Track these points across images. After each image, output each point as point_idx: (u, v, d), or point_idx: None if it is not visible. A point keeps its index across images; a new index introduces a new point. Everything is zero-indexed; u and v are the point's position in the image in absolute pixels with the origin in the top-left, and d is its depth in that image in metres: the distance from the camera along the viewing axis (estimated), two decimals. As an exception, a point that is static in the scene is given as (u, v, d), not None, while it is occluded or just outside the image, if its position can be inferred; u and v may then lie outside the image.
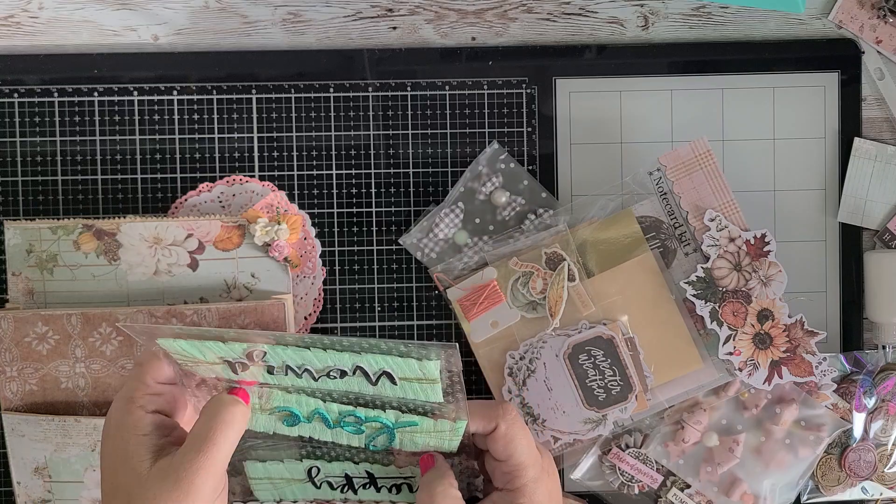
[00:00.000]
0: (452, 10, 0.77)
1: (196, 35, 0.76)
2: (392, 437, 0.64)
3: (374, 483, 0.66)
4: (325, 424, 0.64)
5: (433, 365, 0.60)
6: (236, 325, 0.72)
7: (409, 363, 0.60)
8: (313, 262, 0.76)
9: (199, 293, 0.73)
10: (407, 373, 0.61)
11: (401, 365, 0.60)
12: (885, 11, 0.76)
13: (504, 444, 0.63)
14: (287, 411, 0.64)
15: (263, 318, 0.72)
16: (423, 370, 0.60)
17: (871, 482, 0.77)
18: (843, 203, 0.77)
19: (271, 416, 0.64)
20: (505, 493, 0.63)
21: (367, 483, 0.66)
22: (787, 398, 0.75)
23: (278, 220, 0.73)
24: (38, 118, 0.75)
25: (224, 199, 0.75)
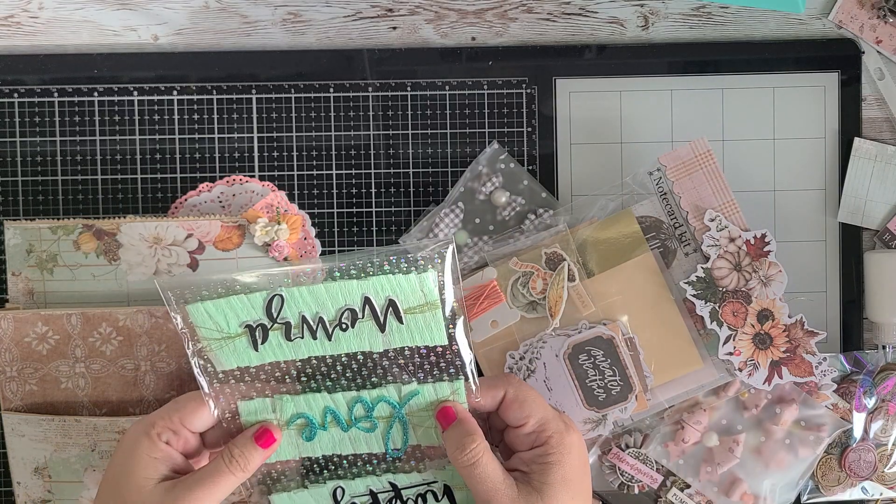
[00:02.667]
0: (452, 10, 0.77)
1: (196, 35, 0.76)
2: (405, 427, 0.65)
3: (399, 496, 0.67)
4: (340, 427, 0.65)
5: (430, 278, 0.63)
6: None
7: (409, 280, 0.63)
8: (314, 260, 0.76)
9: None
10: (410, 298, 0.64)
11: (402, 286, 0.63)
12: (885, 11, 0.76)
13: (518, 406, 0.64)
14: (303, 419, 0.65)
15: None
16: (422, 287, 0.63)
17: (871, 482, 0.77)
18: (843, 203, 0.77)
19: (291, 435, 0.65)
20: (534, 451, 0.64)
21: (392, 497, 0.67)
22: (787, 398, 0.75)
23: (278, 220, 0.73)
24: (38, 118, 0.75)
25: (224, 199, 0.75)
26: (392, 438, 0.66)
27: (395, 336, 0.65)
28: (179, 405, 0.64)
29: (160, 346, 0.72)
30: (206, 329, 0.64)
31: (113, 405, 0.73)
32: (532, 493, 0.62)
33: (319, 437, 0.66)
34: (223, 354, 0.64)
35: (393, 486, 0.67)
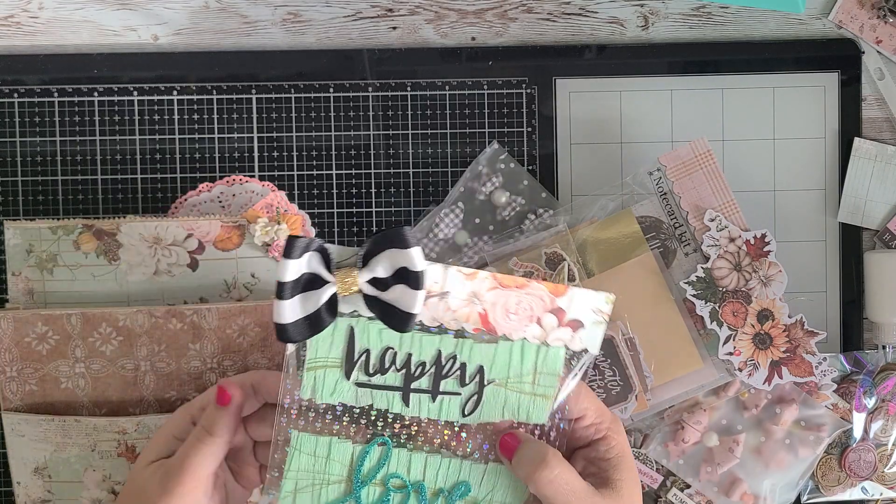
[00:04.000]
0: (452, 10, 0.77)
1: (196, 35, 0.76)
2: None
3: None
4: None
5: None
6: (236, 324, 0.72)
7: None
8: None
9: (199, 293, 0.73)
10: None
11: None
12: (885, 11, 0.76)
13: (575, 398, 0.62)
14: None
15: (263, 318, 0.72)
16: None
17: (871, 482, 0.77)
18: (843, 203, 0.77)
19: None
20: (591, 446, 0.62)
21: None
22: (787, 398, 0.75)
23: (278, 220, 0.73)
24: (38, 118, 0.75)
25: (224, 199, 0.75)
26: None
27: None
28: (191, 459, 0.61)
29: (160, 346, 0.72)
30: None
31: (113, 405, 0.73)
32: (610, 492, 0.60)
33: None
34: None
35: None
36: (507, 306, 0.61)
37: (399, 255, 0.57)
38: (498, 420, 0.62)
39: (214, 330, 0.72)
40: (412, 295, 0.57)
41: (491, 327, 0.61)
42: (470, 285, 0.60)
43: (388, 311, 0.58)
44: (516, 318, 0.61)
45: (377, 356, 0.61)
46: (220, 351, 0.72)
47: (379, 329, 0.60)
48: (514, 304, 0.61)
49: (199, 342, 0.72)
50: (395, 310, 0.58)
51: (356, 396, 0.61)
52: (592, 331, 0.61)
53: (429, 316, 0.60)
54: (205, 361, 0.72)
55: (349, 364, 0.61)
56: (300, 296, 0.58)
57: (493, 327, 0.61)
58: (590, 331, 0.61)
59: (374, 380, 0.61)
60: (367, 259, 0.58)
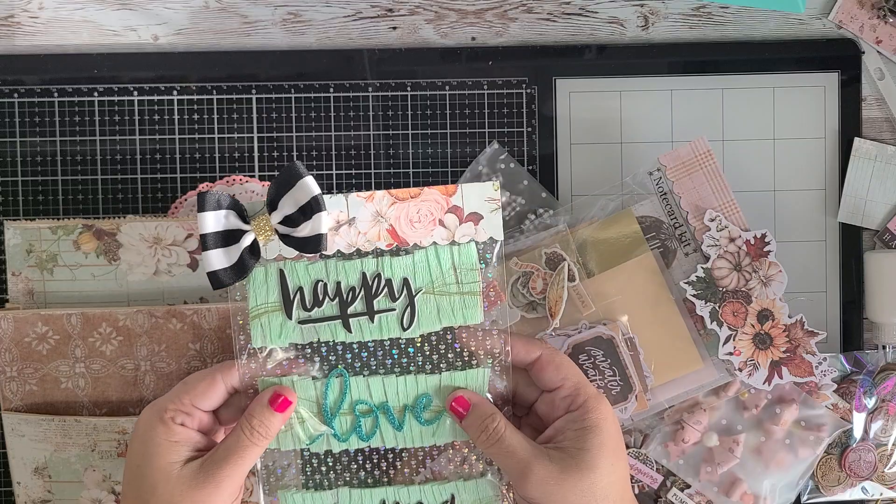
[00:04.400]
0: (452, 10, 0.77)
1: (196, 35, 0.76)
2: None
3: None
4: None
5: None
6: (236, 324, 0.72)
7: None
8: None
9: (199, 293, 0.73)
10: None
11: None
12: (885, 11, 0.76)
13: (554, 368, 0.64)
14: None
15: None
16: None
17: (872, 482, 0.77)
18: (843, 203, 0.77)
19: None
20: (569, 417, 0.63)
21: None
22: (787, 398, 0.75)
23: None
24: (38, 118, 0.75)
25: None
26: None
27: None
28: (188, 386, 0.64)
29: (160, 346, 0.72)
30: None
31: (113, 405, 0.73)
32: (566, 458, 0.61)
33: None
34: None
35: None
36: (409, 217, 0.66)
37: (298, 190, 0.62)
38: (439, 329, 0.66)
39: (215, 330, 0.72)
40: (317, 218, 0.62)
41: (401, 240, 0.66)
42: (372, 206, 0.65)
43: (303, 242, 0.63)
44: (421, 226, 0.66)
45: (310, 291, 0.65)
46: (220, 351, 0.72)
47: (305, 265, 0.65)
48: (416, 212, 0.66)
49: (199, 342, 0.72)
50: (309, 238, 0.63)
51: (302, 334, 0.65)
52: (491, 219, 0.66)
53: (344, 243, 0.65)
54: (205, 361, 0.72)
55: (287, 305, 0.65)
56: (224, 249, 0.63)
57: (404, 239, 0.66)
58: (489, 220, 0.66)
59: (313, 314, 0.65)
60: (275, 204, 0.63)
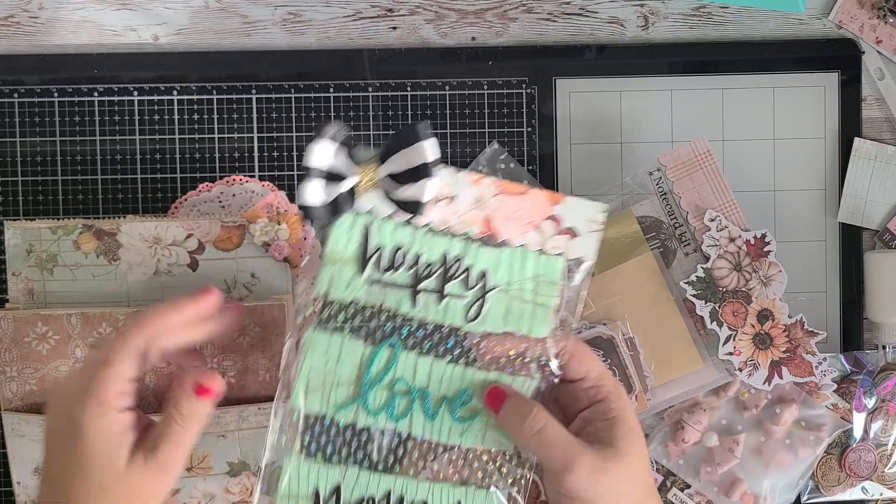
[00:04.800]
0: (452, 10, 0.77)
1: (196, 35, 0.76)
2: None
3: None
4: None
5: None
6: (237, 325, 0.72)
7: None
8: (313, 261, 0.75)
9: None
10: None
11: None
12: (885, 11, 0.76)
13: (577, 360, 0.63)
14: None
15: (264, 318, 0.72)
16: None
17: (872, 482, 0.77)
18: (843, 203, 0.77)
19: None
20: (595, 408, 0.63)
21: None
22: (788, 398, 0.75)
23: (278, 221, 0.73)
24: (38, 118, 0.75)
25: (224, 200, 0.75)
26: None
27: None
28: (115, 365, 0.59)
29: None
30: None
31: None
32: (605, 449, 0.60)
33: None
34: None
35: None
36: (508, 212, 0.63)
37: (415, 151, 0.60)
38: (500, 332, 0.63)
39: None
40: (423, 184, 0.60)
41: (494, 232, 0.63)
42: (477, 190, 0.63)
43: (402, 203, 0.61)
44: (517, 224, 0.63)
45: (389, 254, 0.63)
46: (220, 351, 0.72)
47: (393, 227, 0.63)
48: (515, 210, 0.63)
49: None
50: (409, 201, 0.61)
51: (368, 294, 0.63)
52: (587, 239, 0.63)
53: (438, 218, 0.62)
54: (206, 361, 0.72)
55: (363, 261, 0.63)
56: (324, 183, 0.60)
57: (496, 232, 0.63)
58: (585, 239, 0.63)
59: (385, 277, 0.63)
60: (386, 157, 0.61)
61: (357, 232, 0.63)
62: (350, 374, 0.63)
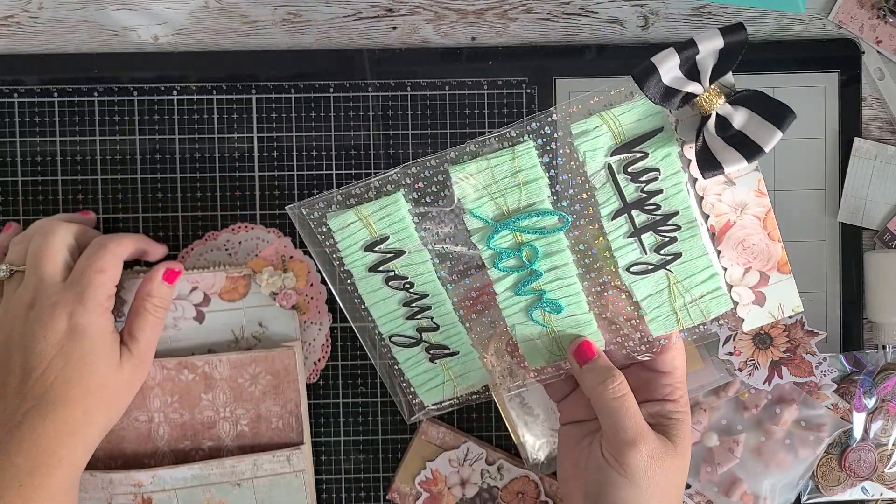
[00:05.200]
0: (452, 10, 0.77)
1: (196, 35, 0.76)
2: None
3: None
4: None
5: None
6: (248, 373, 0.72)
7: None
8: (320, 307, 0.75)
9: (207, 345, 0.73)
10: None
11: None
12: (885, 11, 0.76)
13: (672, 355, 0.65)
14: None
15: (275, 365, 0.72)
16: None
17: (872, 482, 0.77)
18: (843, 203, 0.77)
19: None
20: (664, 405, 0.64)
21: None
22: (788, 398, 0.75)
23: (284, 269, 0.73)
24: (38, 118, 0.75)
25: (230, 247, 0.75)
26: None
27: None
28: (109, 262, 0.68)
29: (173, 397, 0.72)
30: None
31: (128, 458, 0.72)
32: (667, 442, 0.63)
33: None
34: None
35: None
36: (748, 238, 0.65)
37: (762, 126, 0.59)
38: (634, 299, 0.65)
39: (226, 379, 0.72)
40: (774, 131, 0.59)
41: (719, 239, 0.64)
42: (750, 198, 0.64)
43: (735, 138, 0.60)
44: (739, 253, 0.64)
45: (645, 167, 0.63)
46: (232, 400, 0.72)
47: (668, 152, 0.63)
48: (752, 242, 0.65)
49: (211, 392, 0.72)
50: (748, 140, 0.60)
51: (596, 171, 0.64)
52: (759, 316, 0.65)
53: (702, 185, 0.63)
54: (217, 411, 0.72)
55: (626, 147, 0.63)
56: (676, 72, 0.60)
57: (720, 241, 0.64)
58: (758, 315, 0.65)
59: (621, 178, 0.64)
60: (738, 102, 0.60)
61: (648, 125, 0.63)
62: (511, 203, 0.64)
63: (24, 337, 0.65)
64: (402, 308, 0.67)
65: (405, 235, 0.66)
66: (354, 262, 0.66)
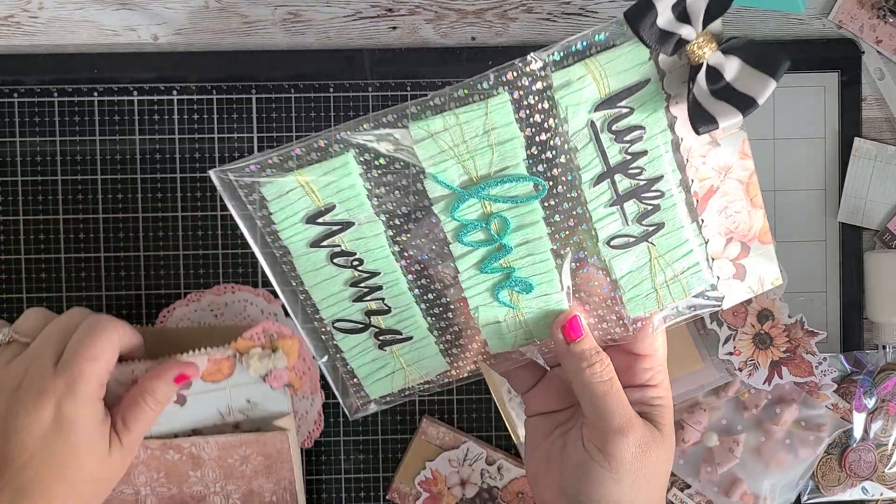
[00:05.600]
0: (452, 10, 0.77)
1: (196, 35, 0.76)
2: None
3: None
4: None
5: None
6: (238, 454, 0.69)
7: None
8: (314, 381, 0.73)
9: (191, 426, 0.69)
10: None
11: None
12: (885, 11, 0.76)
13: (653, 337, 0.59)
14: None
15: (267, 448, 0.69)
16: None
17: (872, 482, 0.77)
18: (843, 203, 0.77)
19: None
20: (646, 392, 0.59)
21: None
22: (788, 398, 0.75)
23: (273, 348, 0.67)
24: (38, 118, 0.75)
25: (216, 309, 0.73)
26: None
27: None
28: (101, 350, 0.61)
29: (159, 473, 0.68)
30: None
31: None
32: (654, 430, 0.58)
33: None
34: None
35: None
36: (730, 205, 0.58)
37: (754, 76, 0.53)
38: (612, 278, 0.58)
39: (215, 459, 0.69)
40: (768, 80, 0.53)
41: (701, 207, 0.58)
42: (734, 160, 0.57)
43: (728, 92, 0.53)
44: (722, 222, 0.58)
45: (630, 124, 0.55)
46: (222, 477, 0.69)
47: (655, 108, 0.55)
48: (734, 210, 0.58)
49: (199, 469, 0.69)
50: (740, 93, 0.53)
51: (578, 131, 0.55)
52: (739, 291, 0.59)
53: (686, 146, 0.56)
54: (207, 486, 0.69)
55: (610, 103, 0.55)
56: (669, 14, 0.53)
57: (702, 209, 0.58)
58: (738, 289, 0.59)
59: (605, 137, 0.55)
60: (730, 51, 0.53)
61: (634, 76, 0.54)
62: (481, 167, 0.56)
63: (4, 420, 0.60)
64: (349, 289, 0.58)
65: (355, 204, 0.56)
66: (293, 237, 0.57)
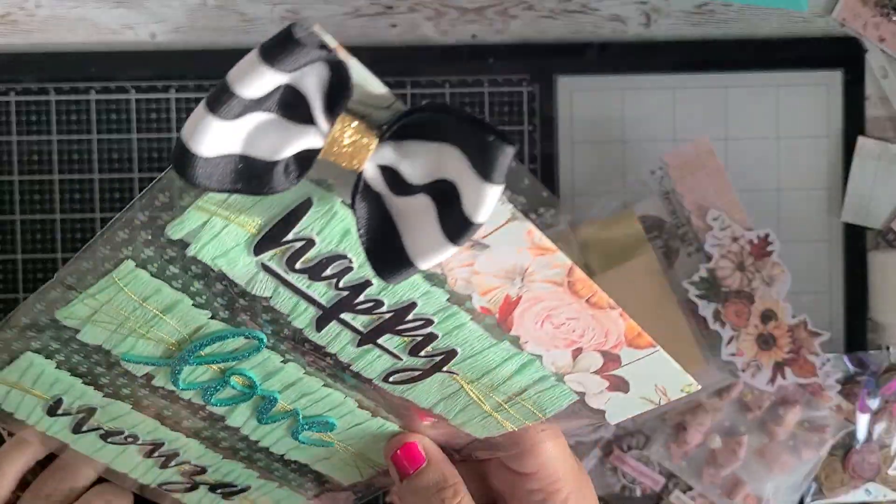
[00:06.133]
0: (452, 8, 0.76)
1: (194, 33, 0.76)
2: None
3: None
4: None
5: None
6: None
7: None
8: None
9: None
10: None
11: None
12: (889, 10, 0.76)
13: (529, 452, 0.47)
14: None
15: None
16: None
17: (875, 484, 0.77)
18: (846, 203, 0.77)
19: None
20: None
21: None
22: (791, 399, 0.75)
23: None
24: (35, 117, 0.75)
25: None
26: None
27: None
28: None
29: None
30: None
31: None
32: None
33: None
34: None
35: None
36: (553, 312, 0.43)
37: (458, 165, 0.34)
38: (424, 406, 0.46)
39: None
40: (437, 239, 0.33)
41: (509, 322, 0.43)
42: (528, 260, 0.40)
43: (385, 236, 0.34)
44: (550, 333, 0.44)
45: (320, 257, 0.40)
46: None
47: (345, 228, 0.40)
48: (565, 317, 0.43)
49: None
50: (396, 243, 0.34)
51: (251, 278, 0.41)
52: (630, 404, 0.46)
53: (445, 264, 0.41)
54: None
55: (271, 240, 0.39)
56: (259, 121, 0.35)
57: (511, 324, 0.43)
58: (627, 402, 0.46)
59: (293, 278, 0.41)
60: (404, 135, 0.36)
61: (286, 200, 0.39)
62: (170, 335, 0.45)
63: None
64: (149, 458, 0.51)
65: (80, 392, 0.48)
66: (55, 431, 0.51)
